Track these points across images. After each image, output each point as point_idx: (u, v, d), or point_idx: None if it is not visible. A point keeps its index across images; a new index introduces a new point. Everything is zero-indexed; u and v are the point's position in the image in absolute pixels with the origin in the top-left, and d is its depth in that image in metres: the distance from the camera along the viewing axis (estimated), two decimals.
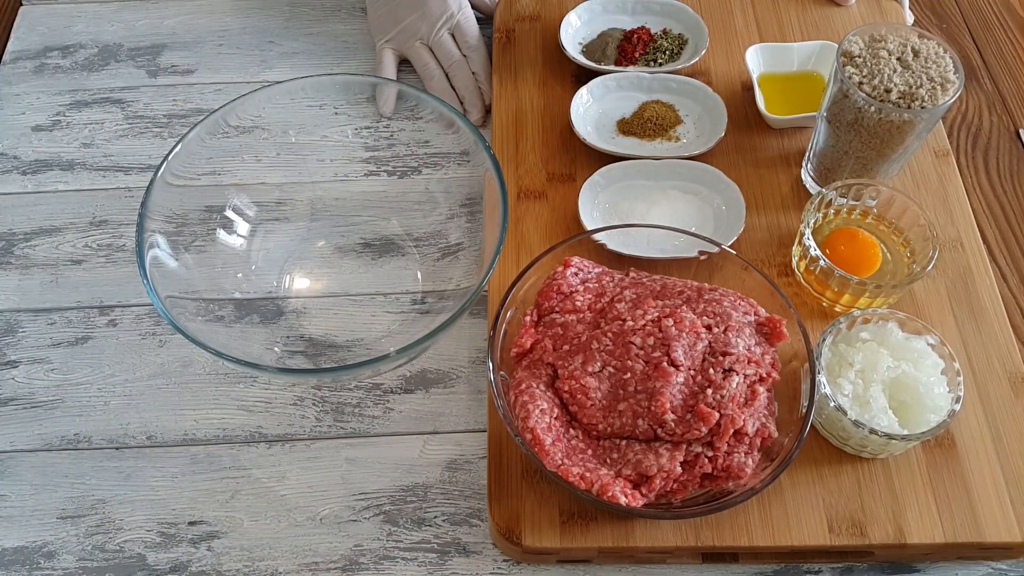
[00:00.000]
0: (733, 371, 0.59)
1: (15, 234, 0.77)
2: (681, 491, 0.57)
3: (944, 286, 0.70)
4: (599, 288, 0.64)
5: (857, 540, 0.60)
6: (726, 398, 0.57)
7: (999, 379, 0.66)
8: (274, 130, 0.73)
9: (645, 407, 0.58)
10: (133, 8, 0.93)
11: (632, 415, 0.58)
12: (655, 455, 0.57)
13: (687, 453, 0.57)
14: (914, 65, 0.66)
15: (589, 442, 0.59)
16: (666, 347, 0.59)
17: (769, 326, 0.62)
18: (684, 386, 0.58)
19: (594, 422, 0.59)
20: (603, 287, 0.64)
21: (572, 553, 0.60)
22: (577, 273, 0.65)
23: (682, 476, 0.57)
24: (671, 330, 0.59)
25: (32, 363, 0.71)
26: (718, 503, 0.56)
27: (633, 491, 0.56)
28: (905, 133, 0.66)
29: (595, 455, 0.59)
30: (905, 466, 0.62)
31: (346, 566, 0.62)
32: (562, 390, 0.60)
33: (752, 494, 0.56)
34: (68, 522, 0.64)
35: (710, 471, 0.57)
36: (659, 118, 0.78)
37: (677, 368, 0.58)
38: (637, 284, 0.64)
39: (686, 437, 0.57)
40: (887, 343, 0.63)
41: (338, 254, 0.75)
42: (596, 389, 0.59)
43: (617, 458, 0.58)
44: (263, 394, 0.69)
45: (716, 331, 0.60)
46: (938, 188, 0.76)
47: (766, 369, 0.60)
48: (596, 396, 0.59)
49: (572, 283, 0.64)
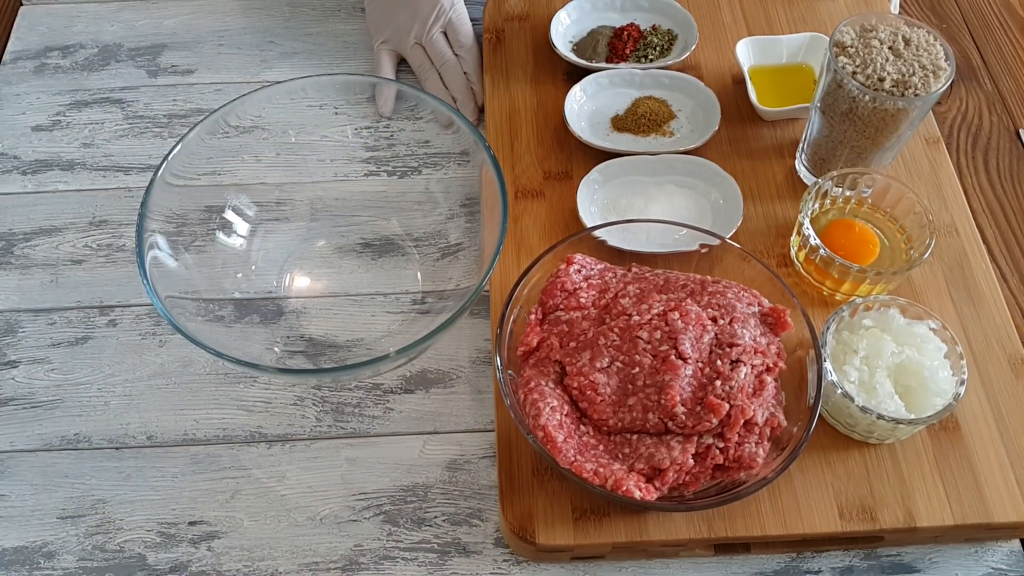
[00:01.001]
0: (740, 362, 0.59)
1: (15, 234, 0.77)
2: (693, 483, 0.58)
3: (941, 271, 0.71)
4: (602, 284, 0.64)
5: (868, 525, 0.60)
6: (735, 389, 0.58)
7: (999, 361, 0.67)
8: (274, 130, 0.73)
9: (655, 401, 0.58)
10: (133, 8, 0.93)
11: (642, 409, 0.58)
12: (667, 448, 0.57)
13: (698, 445, 0.58)
14: (906, 54, 0.67)
15: (600, 438, 0.60)
16: (673, 340, 0.59)
17: (773, 316, 0.62)
18: (692, 378, 0.59)
19: (604, 417, 0.59)
20: (606, 283, 0.64)
21: (586, 549, 0.60)
22: (580, 270, 0.65)
23: (694, 468, 0.57)
24: (677, 323, 0.60)
25: (32, 363, 0.71)
26: (731, 494, 0.56)
27: (647, 485, 0.56)
28: (899, 121, 0.67)
29: (607, 450, 0.59)
30: (912, 451, 0.63)
31: (346, 566, 0.62)
32: (571, 387, 0.60)
33: (765, 483, 0.56)
34: (68, 522, 0.64)
35: (722, 462, 0.57)
36: (653, 114, 0.78)
37: (685, 361, 0.59)
38: (640, 279, 0.64)
39: (697, 429, 0.57)
40: (890, 329, 0.64)
41: (338, 254, 0.75)
42: (605, 385, 0.59)
43: (629, 452, 0.58)
44: (263, 394, 0.69)
45: (722, 323, 0.61)
46: (930, 175, 0.77)
47: (772, 359, 0.60)
48: (605, 392, 0.59)
49: (575, 280, 0.64)
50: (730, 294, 0.62)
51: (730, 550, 0.62)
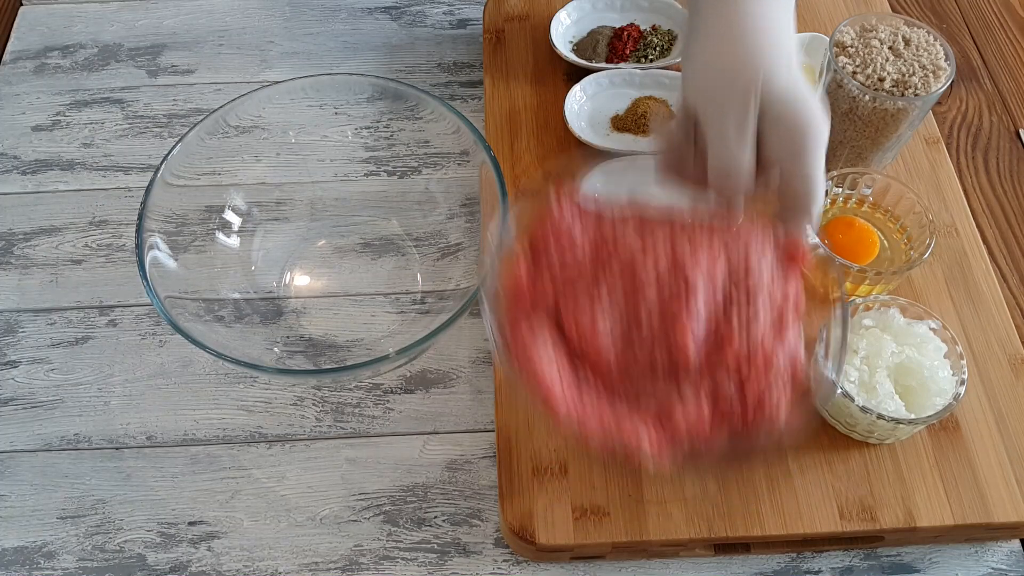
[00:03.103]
0: (758, 296, 0.51)
1: (15, 234, 0.77)
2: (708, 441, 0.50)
3: (941, 271, 0.71)
4: (598, 219, 0.55)
5: (868, 525, 0.60)
6: (753, 324, 0.50)
7: (999, 361, 0.67)
8: (274, 130, 0.73)
9: (663, 339, 0.50)
10: (133, 8, 0.93)
11: (649, 350, 0.51)
12: (678, 393, 0.50)
13: (713, 389, 0.50)
14: (906, 53, 0.67)
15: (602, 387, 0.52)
16: (683, 272, 0.51)
17: (790, 249, 0.53)
18: (705, 311, 0.50)
19: (607, 361, 0.51)
20: (602, 217, 0.55)
21: (586, 549, 0.60)
22: (572, 207, 0.55)
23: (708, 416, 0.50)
24: (686, 252, 0.51)
25: (32, 363, 0.71)
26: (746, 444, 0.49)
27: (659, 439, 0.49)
28: (899, 121, 0.67)
29: (610, 401, 0.51)
30: (912, 450, 0.63)
31: (346, 566, 0.62)
32: (568, 331, 0.52)
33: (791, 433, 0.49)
34: (68, 522, 0.64)
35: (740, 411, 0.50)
36: (653, 113, 0.79)
37: (696, 294, 0.50)
38: (639, 209, 0.55)
39: (712, 370, 0.50)
40: (890, 329, 0.64)
41: (338, 254, 0.75)
42: (605, 325, 0.51)
43: (634, 399, 0.51)
44: (263, 394, 0.69)
45: (736, 255, 0.52)
46: (930, 175, 0.77)
47: (794, 296, 0.52)
48: (606, 333, 0.51)
49: (567, 215, 0.55)
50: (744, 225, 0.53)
51: (730, 550, 0.62)
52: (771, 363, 0.50)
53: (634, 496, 0.61)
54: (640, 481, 0.61)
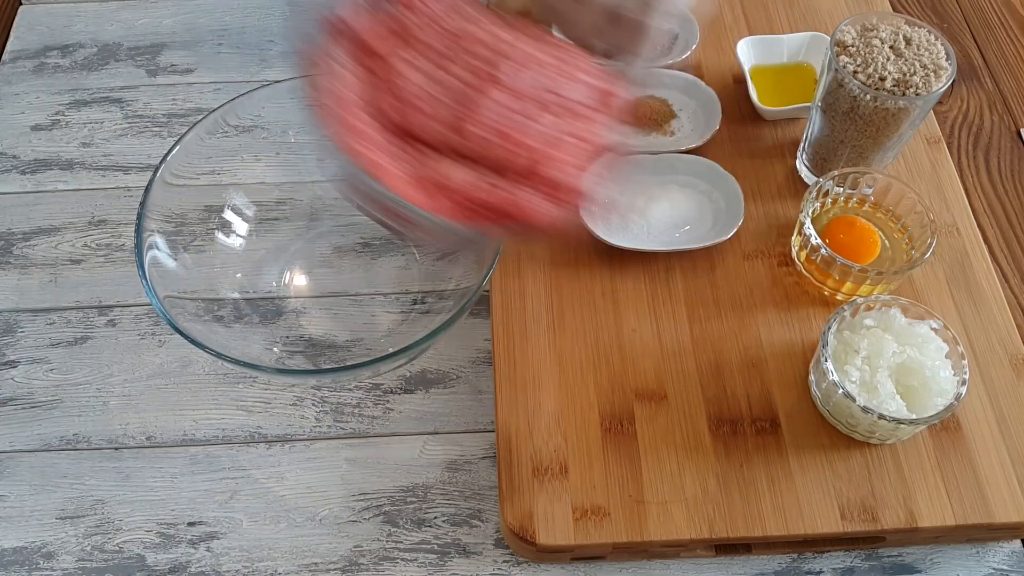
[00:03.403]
0: (561, 115, 0.53)
1: (14, 234, 0.77)
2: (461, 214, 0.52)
3: (942, 271, 0.71)
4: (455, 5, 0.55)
5: (869, 525, 0.60)
6: (543, 135, 0.52)
7: (1000, 361, 0.67)
8: (274, 130, 0.73)
9: (452, 116, 0.52)
10: (133, 8, 0.93)
11: (440, 118, 0.52)
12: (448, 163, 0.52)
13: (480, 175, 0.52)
14: (907, 53, 0.67)
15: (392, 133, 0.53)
16: (495, 65, 0.53)
17: (603, 96, 0.55)
18: (504, 108, 0.52)
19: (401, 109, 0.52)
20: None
21: (586, 550, 0.60)
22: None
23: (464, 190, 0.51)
24: (506, 48, 0.53)
25: (31, 363, 0.71)
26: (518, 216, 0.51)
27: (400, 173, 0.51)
28: (900, 120, 0.67)
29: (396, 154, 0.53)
30: (913, 451, 0.63)
31: (346, 567, 0.62)
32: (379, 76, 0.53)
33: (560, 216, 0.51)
34: (67, 522, 0.64)
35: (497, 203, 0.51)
36: (653, 113, 0.79)
37: (501, 86, 0.52)
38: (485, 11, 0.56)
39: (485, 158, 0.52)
40: (891, 329, 0.63)
41: (338, 254, 0.75)
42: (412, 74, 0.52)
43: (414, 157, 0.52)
44: (262, 394, 0.69)
45: (556, 70, 0.54)
46: (932, 175, 0.77)
47: (603, 138, 0.54)
48: (409, 86, 0.52)
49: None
50: (572, 55, 0.55)
51: (731, 551, 0.62)
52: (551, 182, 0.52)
53: (635, 496, 0.61)
54: (641, 481, 0.61)
